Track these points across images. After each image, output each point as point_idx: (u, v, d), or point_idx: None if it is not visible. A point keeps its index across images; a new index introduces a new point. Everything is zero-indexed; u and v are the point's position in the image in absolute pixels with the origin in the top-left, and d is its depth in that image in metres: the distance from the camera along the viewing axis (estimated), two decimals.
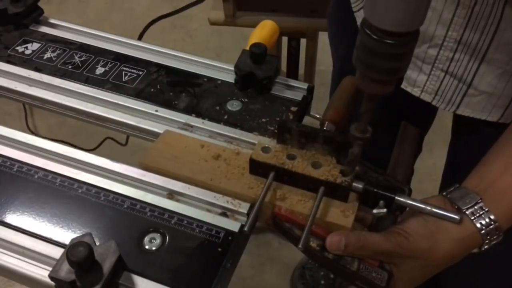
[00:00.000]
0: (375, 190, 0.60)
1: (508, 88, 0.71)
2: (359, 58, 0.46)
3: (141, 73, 0.81)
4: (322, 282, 1.51)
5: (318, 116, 0.75)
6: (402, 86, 0.80)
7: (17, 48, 0.84)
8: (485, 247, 0.59)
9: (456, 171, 0.93)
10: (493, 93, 0.72)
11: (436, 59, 0.74)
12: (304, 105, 0.77)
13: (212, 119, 0.74)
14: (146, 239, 0.60)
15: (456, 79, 0.74)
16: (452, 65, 0.73)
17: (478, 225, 0.57)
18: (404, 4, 0.41)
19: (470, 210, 0.58)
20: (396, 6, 0.41)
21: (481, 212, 0.57)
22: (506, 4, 0.63)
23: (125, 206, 0.63)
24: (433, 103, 0.78)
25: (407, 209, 0.61)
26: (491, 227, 0.57)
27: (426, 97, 0.78)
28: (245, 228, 0.59)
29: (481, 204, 0.58)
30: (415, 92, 0.79)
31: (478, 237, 0.58)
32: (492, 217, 0.57)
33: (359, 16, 0.87)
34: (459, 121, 0.87)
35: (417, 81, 0.78)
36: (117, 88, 0.78)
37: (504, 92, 0.72)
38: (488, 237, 0.58)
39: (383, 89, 0.47)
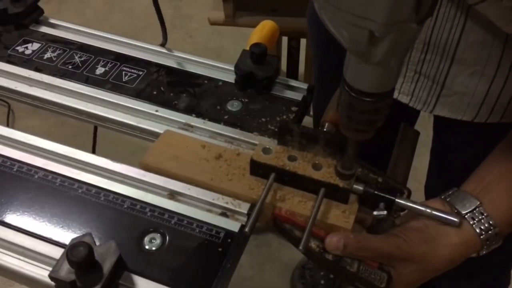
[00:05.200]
0: (376, 192, 0.60)
1: (480, 87, 0.71)
2: (342, 111, 0.50)
3: (141, 73, 0.81)
4: (322, 282, 1.51)
5: None
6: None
7: (17, 48, 0.84)
8: (484, 252, 0.59)
9: (440, 170, 0.93)
10: (466, 93, 0.72)
11: (409, 61, 0.74)
12: (304, 105, 0.77)
13: (212, 119, 0.74)
14: (146, 239, 0.60)
15: (429, 80, 0.74)
16: (425, 66, 0.73)
17: (478, 230, 0.57)
18: (379, 75, 0.46)
19: (469, 215, 0.57)
20: (372, 75, 0.46)
21: (480, 217, 0.57)
22: (471, 6, 0.63)
23: (125, 206, 0.63)
24: (410, 104, 0.79)
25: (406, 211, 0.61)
26: (490, 232, 0.57)
27: (403, 99, 0.79)
28: (246, 229, 0.59)
29: (480, 209, 0.58)
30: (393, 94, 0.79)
31: (477, 242, 0.57)
32: (491, 222, 0.57)
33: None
34: (437, 120, 0.87)
35: None
36: (117, 88, 0.78)
37: (477, 92, 0.72)
38: (488, 242, 0.57)
39: (364, 136, 0.53)
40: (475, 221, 0.57)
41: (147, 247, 0.59)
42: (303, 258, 1.55)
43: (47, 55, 0.83)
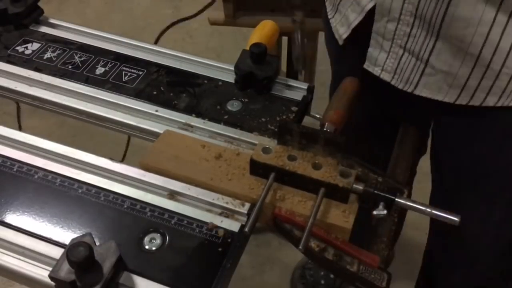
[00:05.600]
0: (375, 192, 0.60)
1: (464, 67, 0.70)
2: None
3: (141, 73, 0.81)
4: (322, 282, 1.51)
5: (318, 116, 0.75)
6: (365, 66, 0.80)
7: (17, 48, 0.84)
8: None
9: (437, 163, 0.93)
10: (449, 72, 0.72)
11: (395, 34, 0.73)
12: (304, 105, 0.77)
13: (212, 119, 0.74)
14: (146, 239, 0.60)
15: (414, 56, 0.73)
16: (410, 40, 0.72)
17: None
18: None
19: None
20: None
21: None
22: None
23: (125, 206, 0.63)
24: (392, 82, 0.78)
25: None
26: None
27: (386, 76, 0.78)
28: (246, 229, 0.59)
29: None
30: (376, 71, 0.78)
31: None
32: None
33: (333, 23, 0.87)
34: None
35: (378, 60, 0.77)
36: (117, 88, 0.78)
37: (460, 72, 0.71)
38: None
39: None
40: None
41: (147, 247, 0.59)
42: (304, 258, 1.55)
43: (47, 55, 0.83)
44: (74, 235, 0.59)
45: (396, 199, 0.59)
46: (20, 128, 1.83)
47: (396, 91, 0.79)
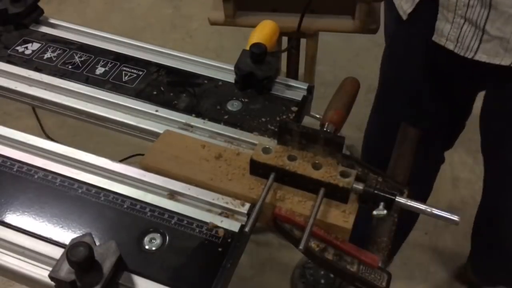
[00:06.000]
0: (375, 191, 0.60)
1: None
2: None
3: (141, 73, 0.81)
4: (322, 281, 1.51)
5: (318, 116, 0.75)
6: (433, 38, 0.87)
7: (17, 48, 0.84)
8: None
9: (487, 124, 1.02)
10: (503, 38, 0.79)
11: (456, 6, 0.81)
12: (304, 105, 0.77)
13: (212, 119, 0.74)
14: (146, 239, 0.60)
15: (473, 25, 0.81)
16: (469, 11, 0.80)
17: None
18: None
19: None
20: None
21: None
22: None
23: (125, 206, 0.63)
24: (456, 50, 0.85)
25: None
26: None
27: (450, 45, 0.85)
28: (246, 229, 0.59)
29: None
30: (442, 41, 0.86)
31: None
32: None
33: (396, 1, 0.94)
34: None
35: (443, 31, 0.85)
36: (117, 88, 0.78)
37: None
38: None
39: None
40: None
41: (147, 247, 0.59)
42: (304, 257, 1.55)
43: (47, 55, 0.83)
44: (74, 235, 0.59)
45: (396, 199, 0.59)
46: (43, 131, 1.82)
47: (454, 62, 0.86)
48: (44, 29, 0.88)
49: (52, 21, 0.90)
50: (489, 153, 1.09)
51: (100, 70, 0.81)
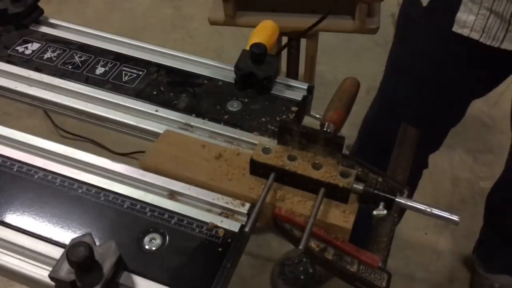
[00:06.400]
0: (375, 191, 0.60)
1: None
2: None
3: (141, 73, 0.81)
4: (302, 277, 1.51)
5: (318, 116, 0.75)
6: (453, 29, 0.91)
7: (17, 48, 0.84)
8: None
9: None
10: None
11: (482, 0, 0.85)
12: (304, 105, 0.77)
13: (212, 119, 0.74)
14: (146, 239, 0.60)
15: (498, 17, 0.86)
16: (495, 4, 0.85)
17: None
18: None
19: None
20: None
21: None
22: None
23: (125, 206, 0.63)
24: (481, 40, 0.89)
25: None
26: None
27: (475, 35, 0.89)
28: (246, 229, 0.59)
29: None
30: (465, 32, 0.90)
31: None
32: None
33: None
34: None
35: (467, 22, 0.89)
36: (117, 88, 0.78)
37: None
38: None
39: None
40: None
41: (147, 247, 0.59)
42: (282, 255, 1.56)
43: (47, 55, 0.83)
44: (74, 235, 0.59)
45: (396, 199, 0.59)
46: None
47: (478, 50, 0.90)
48: (44, 29, 0.88)
49: (52, 21, 0.90)
50: None
51: (100, 70, 0.81)
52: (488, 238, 1.43)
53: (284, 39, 1.52)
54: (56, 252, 0.58)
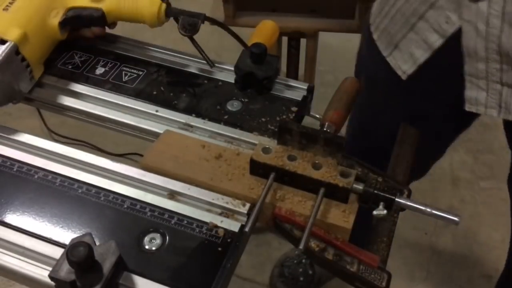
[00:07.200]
0: (375, 191, 0.60)
1: None
2: None
3: (141, 73, 0.81)
4: (301, 278, 1.51)
5: (318, 116, 0.75)
6: (466, 108, 0.82)
7: None
8: None
9: None
10: None
11: (488, 73, 0.75)
12: (304, 105, 0.77)
13: (212, 119, 0.74)
14: (146, 239, 0.60)
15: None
16: (504, 76, 0.75)
17: None
18: None
19: None
20: None
21: None
22: None
23: (125, 206, 0.63)
24: (501, 116, 0.80)
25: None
26: None
27: (493, 112, 0.80)
28: (246, 229, 0.59)
29: None
30: (480, 110, 0.81)
31: None
32: None
33: (392, 61, 0.89)
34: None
35: (478, 99, 0.80)
36: (117, 88, 0.78)
37: None
38: None
39: None
40: None
41: (147, 247, 0.59)
42: (281, 256, 1.56)
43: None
44: (74, 235, 0.59)
45: (396, 199, 0.59)
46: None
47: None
48: None
49: None
50: None
51: (100, 70, 0.81)
52: None
53: (284, 39, 1.52)
54: (56, 252, 0.58)
